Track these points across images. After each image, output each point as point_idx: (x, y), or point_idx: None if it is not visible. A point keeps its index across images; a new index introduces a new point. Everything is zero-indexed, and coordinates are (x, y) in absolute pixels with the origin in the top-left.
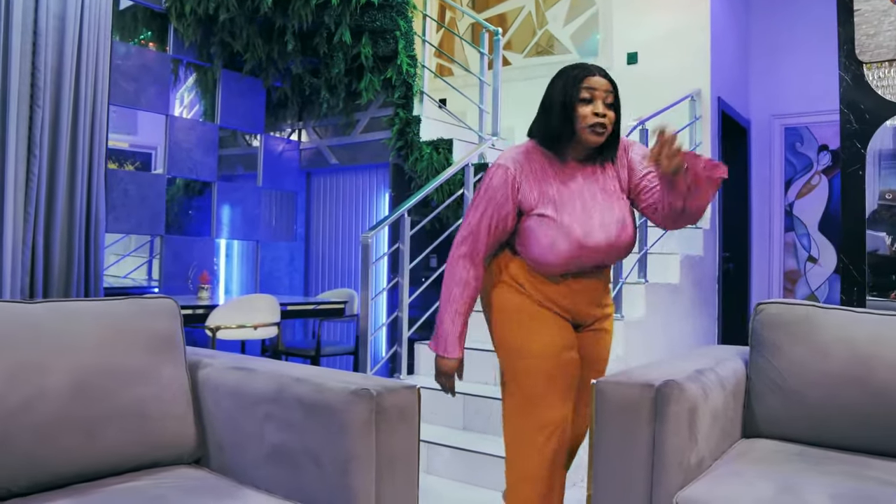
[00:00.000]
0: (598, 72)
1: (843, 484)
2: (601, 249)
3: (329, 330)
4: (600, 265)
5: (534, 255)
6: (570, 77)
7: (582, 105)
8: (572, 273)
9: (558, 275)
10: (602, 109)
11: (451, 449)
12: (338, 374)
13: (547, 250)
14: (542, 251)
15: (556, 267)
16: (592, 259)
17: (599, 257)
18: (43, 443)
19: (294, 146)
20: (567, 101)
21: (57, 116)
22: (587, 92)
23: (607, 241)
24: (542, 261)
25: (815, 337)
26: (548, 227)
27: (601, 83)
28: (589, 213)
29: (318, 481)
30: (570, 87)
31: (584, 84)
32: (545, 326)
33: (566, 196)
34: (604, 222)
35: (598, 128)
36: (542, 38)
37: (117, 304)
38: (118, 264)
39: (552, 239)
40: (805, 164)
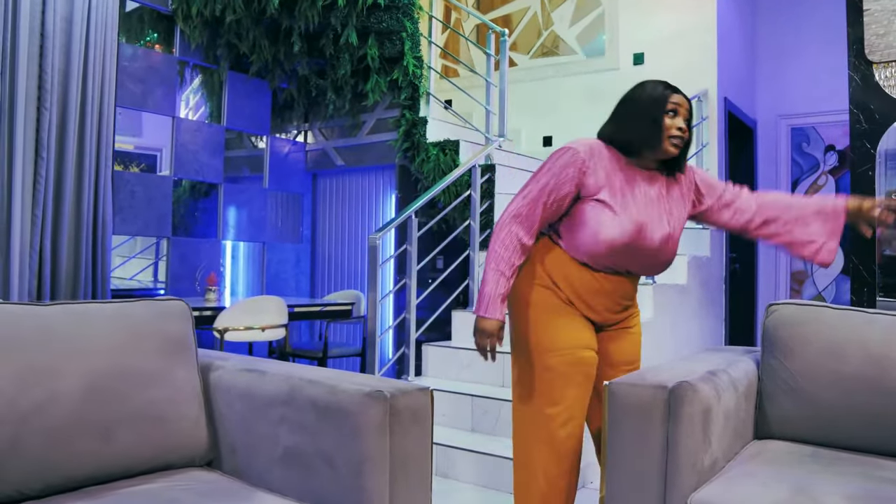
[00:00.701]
0: (680, 91)
1: (857, 485)
2: (644, 252)
3: (336, 331)
4: (637, 270)
5: (580, 240)
6: (660, 92)
7: (668, 118)
8: (609, 269)
9: (596, 267)
10: (682, 125)
11: (460, 450)
12: (350, 376)
13: (595, 237)
14: (590, 237)
15: (598, 256)
16: (633, 259)
17: (640, 260)
18: (55, 446)
19: (300, 148)
20: (657, 113)
21: (64, 118)
22: (673, 106)
23: (652, 246)
24: (586, 248)
25: (828, 338)
26: (603, 213)
27: (684, 101)
28: (643, 215)
29: (332, 483)
30: (661, 101)
31: (672, 99)
32: (569, 324)
33: (628, 193)
34: (654, 228)
35: (678, 141)
36: (548, 39)
37: (130, 306)
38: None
39: (603, 226)
40: (812, 165)
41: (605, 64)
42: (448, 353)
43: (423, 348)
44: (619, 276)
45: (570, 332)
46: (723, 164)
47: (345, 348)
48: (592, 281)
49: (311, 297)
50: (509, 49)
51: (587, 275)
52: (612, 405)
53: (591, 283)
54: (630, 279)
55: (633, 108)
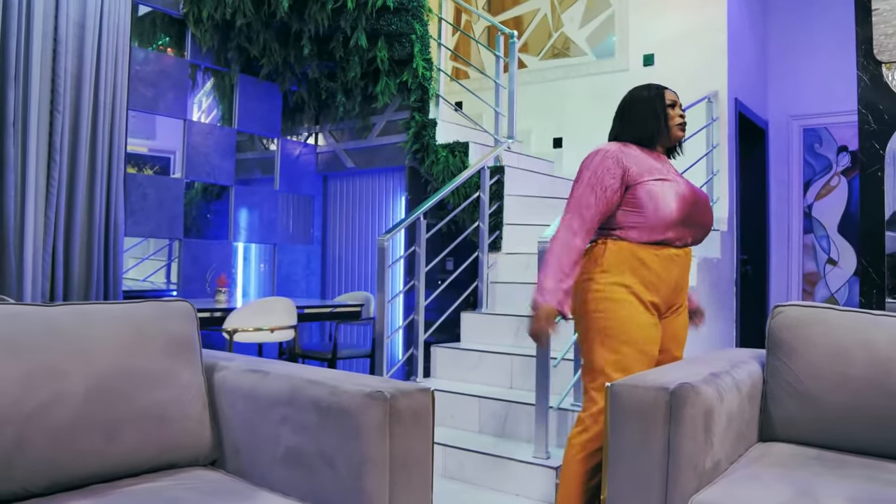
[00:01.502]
0: (668, 88)
1: (861, 487)
2: (696, 216)
3: (346, 333)
4: (693, 238)
5: (645, 221)
6: (656, 91)
7: (670, 109)
8: (677, 243)
9: (663, 241)
10: (682, 113)
11: (467, 452)
12: (352, 377)
13: (659, 211)
14: (653, 212)
15: (663, 229)
16: (690, 225)
17: (695, 225)
18: (60, 445)
19: (311, 150)
20: (661, 108)
21: (77, 122)
22: (670, 101)
23: (698, 209)
24: (654, 221)
25: (833, 340)
26: (659, 189)
27: (675, 95)
28: (682, 184)
29: (333, 484)
30: (659, 99)
31: (668, 96)
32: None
33: (663, 171)
34: (690, 196)
35: (682, 127)
36: (558, 41)
37: (135, 307)
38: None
39: (663, 199)
40: (824, 166)
41: (615, 65)
42: (457, 354)
43: (432, 350)
44: (679, 250)
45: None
46: (733, 165)
47: (354, 349)
48: (659, 259)
49: (321, 298)
50: (519, 51)
51: (653, 253)
52: (614, 406)
53: (658, 261)
54: (686, 254)
55: (641, 108)
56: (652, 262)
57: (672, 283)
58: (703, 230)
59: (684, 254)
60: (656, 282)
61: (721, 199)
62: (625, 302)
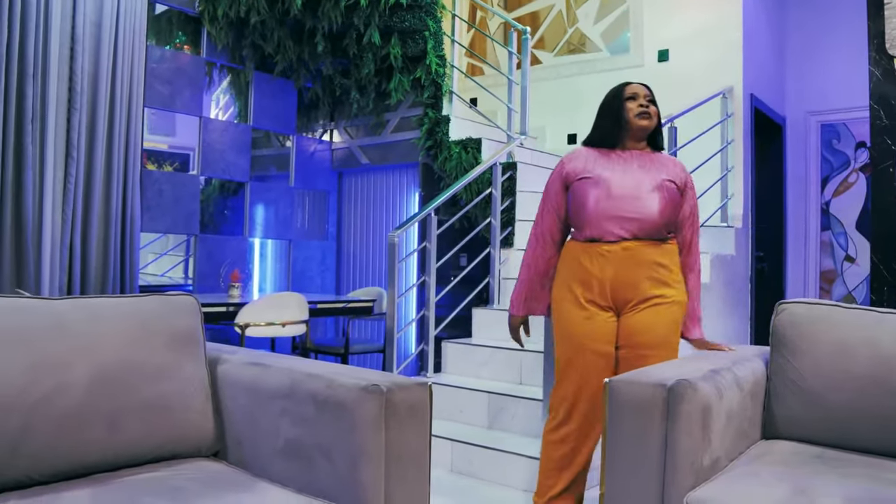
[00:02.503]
0: (635, 82)
1: (860, 487)
2: (629, 207)
3: (361, 328)
4: (635, 234)
5: (577, 214)
6: (617, 88)
7: (629, 102)
8: (611, 237)
9: (597, 236)
10: (644, 102)
11: (476, 447)
12: (351, 371)
13: (585, 204)
14: (582, 206)
15: (595, 220)
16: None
17: (623, 218)
18: (65, 434)
19: (326, 146)
20: (618, 102)
21: (94, 119)
22: (630, 93)
23: (636, 199)
24: (583, 216)
25: (837, 337)
26: (588, 185)
27: (640, 87)
28: (628, 177)
29: (330, 476)
30: (620, 93)
31: (628, 89)
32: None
33: (609, 165)
34: (639, 188)
35: (644, 115)
36: (574, 37)
37: (140, 301)
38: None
39: (590, 193)
40: (842, 162)
41: (629, 61)
42: (467, 350)
43: (443, 345)
44: (613, 245)
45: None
46: (748, 161)
47: (367, 345)
48: (605, 256)
49: (336, 293)
50: (535, 47)
51: (593, 248)
52: (612, 403)
53: (605, 258)
54: (644, 249)
55: (601, 111)
56: (584, 259)
57: (609, 280)
58: (638, 223)
59: (622, 249)
60: (589, 279)
61: (736, 195)
62: (563, 301)
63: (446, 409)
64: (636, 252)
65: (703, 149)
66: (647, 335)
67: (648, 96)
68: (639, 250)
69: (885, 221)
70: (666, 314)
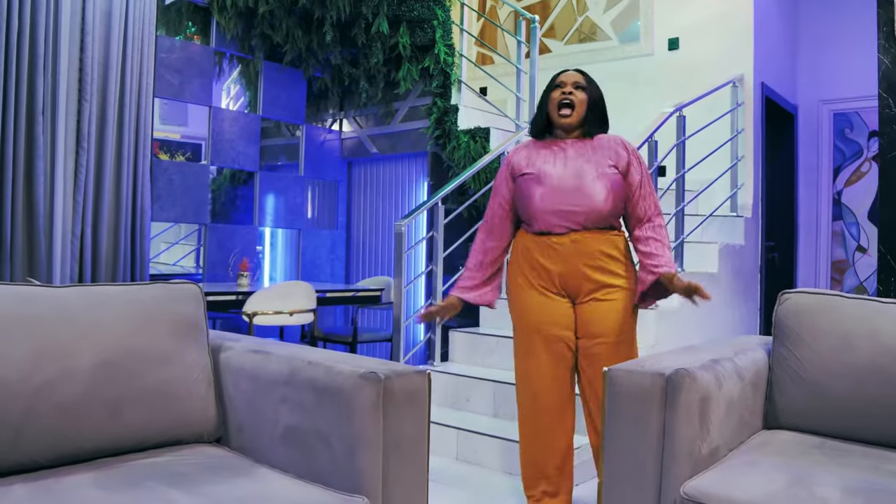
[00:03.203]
0: (572, 69)
1: (859, 477)
2: (572, 201)
3: (370, 317)
4: (583, 224)
5: (524, 210)
6: (547, 86)
7: (553, 91)
8: (559, 230)
9: (545, 229)
10: (569, 89)
11: (481, 436)
12: (350, 358)
13: (531, 200)
14: (528, 202)
15: (541, 215)
16: (562, 212)
17: (568, 211)
18: (67, 419)
19: (336, 136)
20: (545, 95)
21: (104, 109)
22: (558, 82)
23: (578, 191)
24: (530, 212)
25: (839, 327)
26: (530, 181)
27: (569, 74)
28: (569, 170)
29: (329, 462)
30: (550, 84)
31: (558, 78)
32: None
33: (550, 158)
34: (576, 177)
35: (564, 108)
36: (585, 25)
37: (143, 289)
38: (168, 252)
39: (533, 188)
40: (855, 151)
41: (639, 49)
42: (475, 339)
43: (450, 334)
44: (562, 237)
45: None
46: (759, 150)
47: (375, 333)
48: (553, 248)
49: (345, 282)
50: (545, 35)
51: (543, 241)
52: (611, 391)
53: (553, 250)
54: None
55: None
56: (535, 251)
57: (560, 271)
58: (584, 215)
59: (570, 241)
60: (541, 270)
61: (746, 184)
62: (520, 288)
63: (452, 397)
64: (584, 243)
65: (712, 138)
66: (601, 325)
67: (578, 83)
68: (586, 241)
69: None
70: (618, 303)
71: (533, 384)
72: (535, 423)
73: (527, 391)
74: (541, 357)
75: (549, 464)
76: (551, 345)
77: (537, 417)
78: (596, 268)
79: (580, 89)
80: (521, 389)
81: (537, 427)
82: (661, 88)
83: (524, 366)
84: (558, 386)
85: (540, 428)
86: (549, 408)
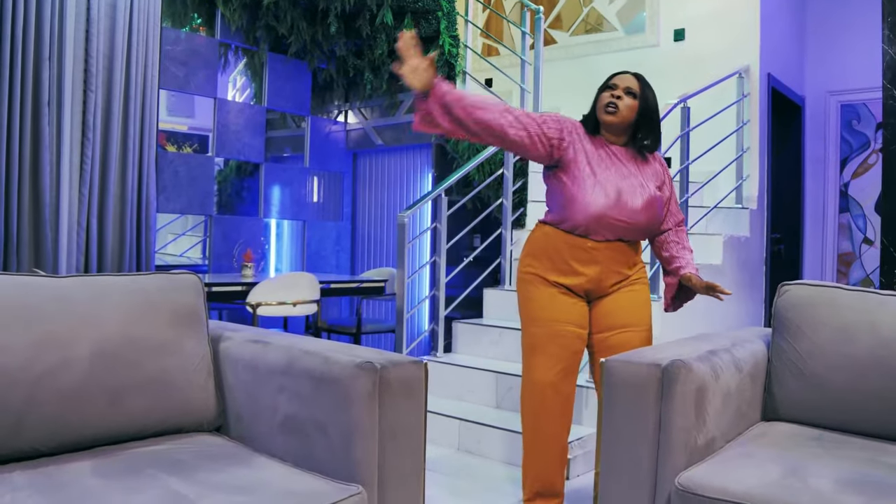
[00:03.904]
0: (627, 72)
1: (854, 469)
2: (625, 217)
3: (375, 308)
4: (620, 236)
5: (566, 203)
6: (607, 78)
7: (605, 91)
8: (598, 237)
9: (584, 233)
10: (619, 93)
11: (483, 426)
12: (347, 348)
13: (580, 201)
14: (574, 200)
15: (585, 219)
16: (610, 224)
17: (616, 224)
18: (68, 407)
19: (341, 127)
20: (599, 90)
21: (109, 101)
22: (612, 83)
23: (632, 210)
24: (574, 210)
25: (838, 319)
26: (586, 178)
27: (624, 77)
28: (622, 183)
29: (325, 450)
30: (603, 83)
31: (612, 80)
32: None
33: (605, 162)
34: (634, 196)
35: (610, 107)
36: (591, 17)
37: (143, 279)
38: (175, 243)
39: (586, 189)
40: (862, 143)
41: (645, 41)
42: (478, 330)
43: (454, 325)
44: (606, 244)
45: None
46: (764, 142)
47: (380, 324)
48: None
49: (351, 273)
50: (552, 27)
51: (578, 243)
52: (608, 382)
53: (580, 252)
54: (620, 249)
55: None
56: (565, 251)
57: (590, 274)
58: (625, 231)
59: (606, 247)
60: (568, 270)
61: (751, 176)
62: (533, 283)
63: (455, 388)
64: (618, 253)
65: (718, 129)
66: (621, 315)
67: (630, 88)
68: (620, 251)
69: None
70: (638, 293)
71: (543, 384)
72: (541, 423)
73: (535, 391)
74: (554, 355)
75: (549, 465)
76: (567, 342)
77: (544, 418)
78: (622, 273)
79: (631, 95)
80: (530, 389)
81: (542, 428)
82: (667, 80)
83: (534, 364)
84: (566, 385)
85: (546, 429)
86: (555, 408)
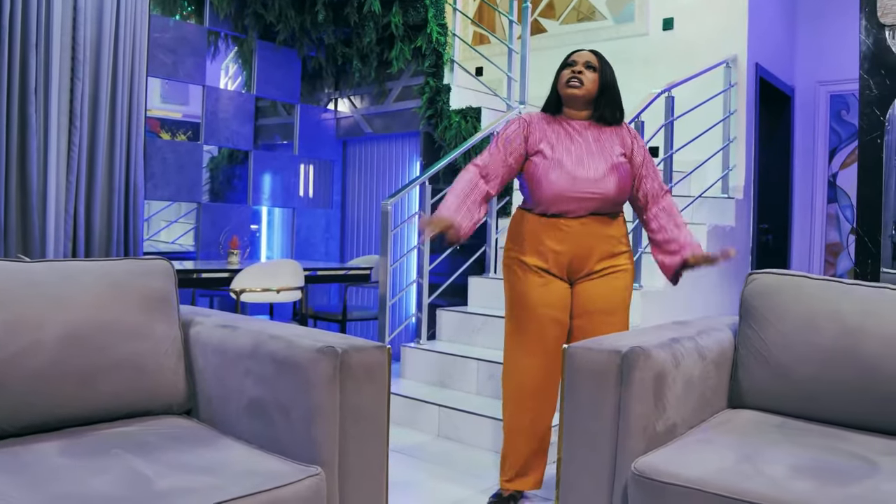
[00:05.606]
0: (585, 49)
1: (810, 456)
2: (588, 189)
3: (362, 295)
4: (594, 210)
5: (536, 191)
6: (565, 57)
7: (564, 69)
8: (570, 215)
9: (556, 212)
10: (579, 68)
11: (462, 413)
12: (312, 333)
13: (546, 184)
14: (542, 185)
15: (555, 200)
16: (577, 198)
17: (584, 197)
18: (37, 390)
19: (331, 115)
20: (558, 71)
21: (96, 89)
22: (570, 60)
23: (593, 180)
24: (543, 195)
25: (804, 308)
26: (548, 166)
27: (582, 53)
28: (581, 156)
29: (288, 433)
30: (563, 62)
31: (570, 57)
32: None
33: (565, 141)
34: (593, 166)
35: (574, 81)
36: (583, 6)
37: (113, 264)
38: (167, 230)
39: (549, 172)
40: (850, 133)
41: (634, 30)
42: (462, 317)
43: (438, 313)
44: (573, 220)
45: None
46: (752, 132)
47: (365, 311)
48: (559, 230)
49: (340, 261)
50: (543, 15)
51: (552, 223)
52: (569, 368)
53: (558, 233)
54: (597, 223)
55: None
56: (541, 233)
57: (566, 253)
58: (596, 202)
59: (580, 224)
60: (546, 251)
61: (738, 166)
62: (516, 269)
63: (438, 375)
64: (593, 227)
65: (705, 119)
66: (601, 302)
67: (589, 62)
68: (595, 226)
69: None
70: (619, 281)
71: (521, 368)
72: (520, 406)
73: (514, 374)
74: (533, 339)
75: (527, 448)
76: (545, 327)
77: (522, 402)
78: (601, 250)
79: (591, 69)
80: (509, 372)
81: (521, 411)
82: (656, 69)
83: (514, 348)
84: (546, 369)
85: (523, 412)
86: (534, 391)
